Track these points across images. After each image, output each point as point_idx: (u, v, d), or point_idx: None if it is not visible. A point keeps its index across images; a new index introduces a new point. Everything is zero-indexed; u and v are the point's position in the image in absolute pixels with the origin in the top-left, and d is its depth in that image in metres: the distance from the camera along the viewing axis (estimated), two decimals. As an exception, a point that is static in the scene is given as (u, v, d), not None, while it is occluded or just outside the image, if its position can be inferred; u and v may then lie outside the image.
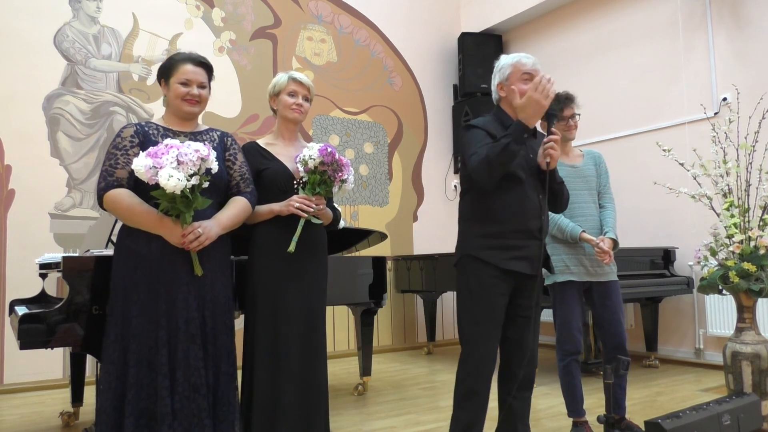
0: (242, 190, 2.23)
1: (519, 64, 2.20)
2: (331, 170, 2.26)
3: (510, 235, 2.12)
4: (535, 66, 2.21)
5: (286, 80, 2.40)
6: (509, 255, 2.12)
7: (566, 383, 2.78)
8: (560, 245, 2.74)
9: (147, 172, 1.87)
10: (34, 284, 3.35)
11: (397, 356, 5.37)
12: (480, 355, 2.13)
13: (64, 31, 4.48)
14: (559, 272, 2.71)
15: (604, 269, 2.73)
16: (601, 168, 2.88)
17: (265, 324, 2.26)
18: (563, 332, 2.73)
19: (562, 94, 2.76)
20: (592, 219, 2.77)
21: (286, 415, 2.21)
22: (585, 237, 2.67)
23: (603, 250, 2.65)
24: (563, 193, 2.30)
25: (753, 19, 4.36)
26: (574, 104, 2.78)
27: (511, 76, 2.21)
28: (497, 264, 2.12)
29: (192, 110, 2.19)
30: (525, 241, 2.14)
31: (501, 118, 2.22)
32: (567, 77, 5.71)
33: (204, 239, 2.02)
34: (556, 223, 2.71)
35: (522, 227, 2.13)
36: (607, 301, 2.75)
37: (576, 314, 2.71)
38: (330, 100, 5.64)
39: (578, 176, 2.79)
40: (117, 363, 1.99)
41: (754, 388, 2.74)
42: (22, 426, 3.26)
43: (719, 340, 4.37)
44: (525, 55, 2.24)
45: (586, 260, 2.72)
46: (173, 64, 2.18)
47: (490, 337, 2.15)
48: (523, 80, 2.17)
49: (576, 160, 2.85)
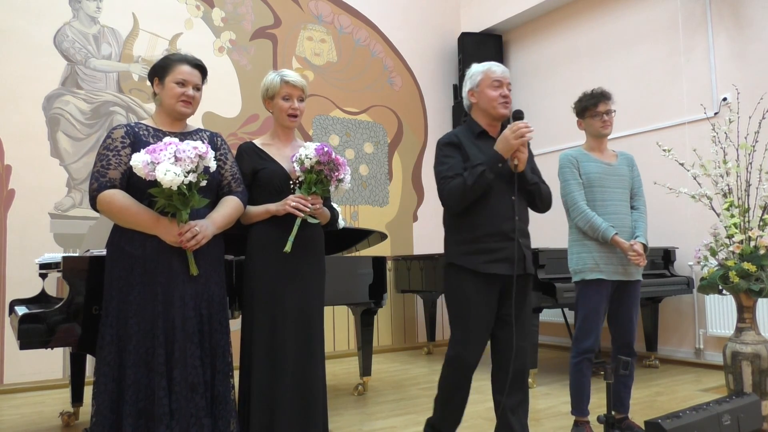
0: (233, 190, 2.24)
1: (489, 72, 2.31)
2: (327, 169, 2.26)
3: (485, 239, 2.21)
4: (505, 74, 2.32)
5: (278, 83, 2.37)
6: (486, 259, 2.20)
7: (576, 381, 2.77)
8: (591, 242, 2.72)
9: (144, 168, 1.88)
10: (34, 284, 3.35)
11: (397, 356, 5.37)
12: (465, 358, 2.22)
13: (64, 31, 4.48)
14: (589, 270, 2.70)
15: (633, 269, 2.72)
16: (635, 170, 2.88)
17: (262, 324, 2.26)
18: (583, 330, 2.71)
19: (597, 89, 2.80)
20: (624, 217, 2.75)
21: (285, 414, 2.21)
22: (617, 240, 2.65)
23: (638, 252, 2.64)
24: (540, 192, 2.34)
25: (753, 19, 4.36)
26: (609, 100, 2.78)
27: (481, 82, 2.31)
28: (476, 269, 2.20)
29: (185, 111, 2.18)
30: (500, 243, 2.21)
31: (471, 126, 2.34)
32: (567, 77, 5.72)
33: (201, 237, 2.02)
34: (589, 221, 2.69)
35: (495, 230, 2.21)
36: (625, 299, 2.75)
37: (600, 314, 2.70)
38: (330, 100, 5.64)
39: (613, 174, 2.78)
40: (113, 364, 1.99)
41: (754, 388, 2.74)
42: (22, 426, 3.26)
43: (719, 340, 4.37)
44: (495, 64, 2.35)
45: (616, 258, 2.70)
46: (169, 64, 2.18)
47: (478, 340, 2.23)
48: (493, 87, 2.28)
49: (611, 158, 2.85)
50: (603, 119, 2.76)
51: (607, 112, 2.76)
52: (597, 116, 2.75)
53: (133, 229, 2.03)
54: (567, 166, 2.78)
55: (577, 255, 2.77)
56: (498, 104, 2.28)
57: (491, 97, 2.27)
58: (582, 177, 2.75)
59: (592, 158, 2.79)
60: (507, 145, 2.14)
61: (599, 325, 2.70)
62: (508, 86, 2.30)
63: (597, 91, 2.78)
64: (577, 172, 2.76)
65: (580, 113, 2.82)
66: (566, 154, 2.82)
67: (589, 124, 2.79)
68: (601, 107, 2.75)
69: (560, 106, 5.77)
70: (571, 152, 2.82)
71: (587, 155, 2.80)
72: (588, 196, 2.74)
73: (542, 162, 5.80)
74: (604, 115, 2.76)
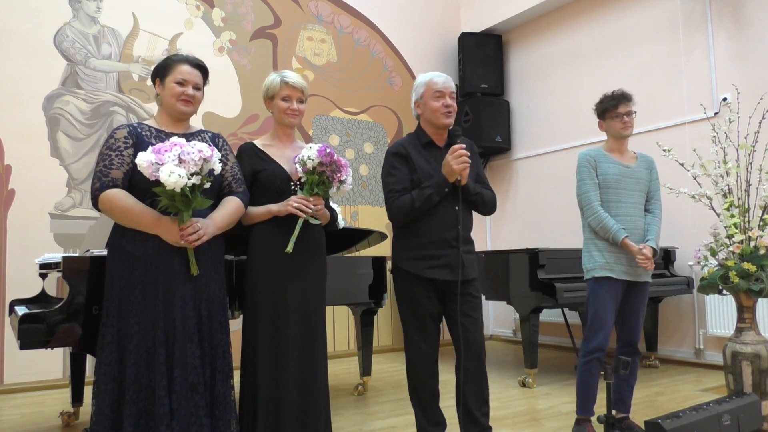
0: (234, 191, 2.24)
1: (431, 83, 2.42)
2: (329, 171, 2.27)
3: (428, 246, 2.36)
4: (446, 84, 2.41)
5: (278, 84, 2.38)
6: (428, 264, 2.36)
7: (583, 380, 2.76)
8: (602, 242, 2.73)
9: (149, 167, 1.88)
10: (34, 284, 3.35)
11: (397, 356, 5.37)
12: (419, 349, 2.43)
13: (64, 31, 4.48)
14: (599, 268, 2.71)
15: (641, 270, 2.73)
16: (653, 173, 2.87)
17: (264, 324, 2.26)
18: (593, 329, 2.71)
19: (617, 91, 2.81)
20: (636, 220, 2.75)
21: (290, 415, 2.22)
22: (627, 243, 2.66)
23: (646, 256, 2.65)
24: (483, 201, 2.48)
25: (753, 19, 4.36)
26: (630, 101, 2.78)
27: (424, 94, 2.43)
28: (418, 273, 2.36)
29: (185, 110, 2.19)
30: (442, 250, 2.36)
31: (419, 136, 2.47)
32: (567, 77, 5.72)
33: (202, 234, 2.02)
34: (601, 222, 2.69)
35: (438, 238, 2.35)
36: (633, 299, 2.77)
37: (608, 312, 2.70)
38: (330, 100, 5.64)
39: (630, 176, 2.78)
40: (113, 364, 2.00)
41: (754, 388, 2.75)
42: (22, 426, 3.26)
43: (719, 340, 4.37)
44: (437, 74, 2.46)
45: (626, 259, 2.70)
46: (170, 64, 2.19)
47: (426, 335, 2.42)
48: (435, 98, 2.40)
49: (630, 160, 2.84)
50: (623, 120, 2.76)
51: (627, 113, 2.76)
52: (617, 117, 2.76)
53: (135, 228, 2.03)
54: (584, 166, 2.78)
55: (588, 254, 2.79)
56: (441, 114, 2.39)
57: (434, 108, 2.39)
58: (599, 177, 2.75)
59: (610, 159, 2.79)
60: (451, 170, 2.28)
61: (609, 323, 2.70)
62: (450, 96, 2.42)
63: (618, 92, 2.78)
64: (594, 173, 2.76)
65: (601, 114, 2.82)
66: (585, 152, 2.82)
67: (610, 125, 2.80)
68: (622, 108, 2.75)
69: (560, 106, 5.78)
70: (590, 152, 2.81)
71: (606, 156, 2.80)
72: (603, 196, 2.75)
73: (543, 162, 5.85)
74: (625, 116, 2.76)
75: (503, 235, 6.35)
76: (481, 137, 5.89)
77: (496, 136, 6.05)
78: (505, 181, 6.36)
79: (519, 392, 3.82)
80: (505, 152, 6.29)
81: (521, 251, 4.07)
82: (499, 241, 6.38)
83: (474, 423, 2.37)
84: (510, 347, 5.84)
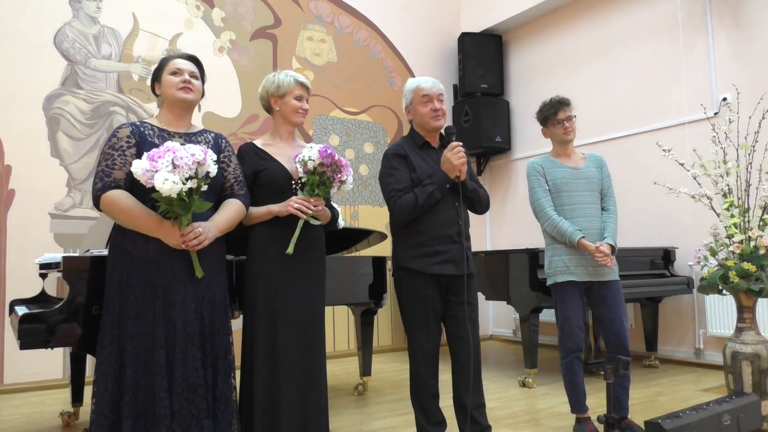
0: (236, 193, 2.24)
1: (418, 89, 2.50)
2: (330, 171, 2.27)
3: (431, 243, 2.39)
4: (433, 89, 2.48)
5: (292, 83, 2.41)
6: (433, 260, 2.39)
7: (569, 380, 2.82)
8: (561, 246, 2.78)
9: (144, 175, 1.87)
10: (34, 284, 3.35)
11: (397, 356, 5.37)
12: (423, 350, 2.43)
13: (64, 31, 4.48)
14: (560, 272, 2.77)
15: (604, 269, 2.75)
16: (604, 171, 2.92)
17: (264, 325, 2.26)
18: (565, 331, 2.78)
19: (555, 98, 2.89)
20: (594, 219, 2.80)
21: (287, 415, 2.21)
22: (583, 243, 2.71)
23: (604, 253, 2.68)
24: (479, 198, 2.53)
25: (753, 20, 4.36)
26: (568, 107, 2.86)
27: (413, 100, 2.52)
28: (424, 270, 2.39)
29: (187, 97, 2.17)
30: (446, 245, 2.40)
31: (414, 138, 2.54)
32: (567, 77, 5.72)
33: (203, 238, 2.02)
34: (555, 226, 2.75)
35: (441, 234, 2.39)
36: (608, 301, 2.77)
37: (577, 313, 2.76)
38: (330, 100, 5.64)
39: (580, 177, 2.84)
40: (113, 364, 1.99)
41: (754, 388, 2.75)
42: (22, 426, 3.26)
43: (719, 340, 4.37)
44: (425, 79, 2.52)
45: (585, 260, 2.74)
46: (164, 63, 2.21)
47: (430, 335, 2.43)
48: (423, 103, 2.48)
49: (578, 162, 2.90)
50: (564, 126, 2.84)
51: (567, 118, 2.84)
52: (558, 124, 2.84)
53: (136, 230, 2.03)
54: (533, 174, 2.87)
55: (549, 258, 2.84)
56: (430, 118, 2.47)
57: (423, 113, 2.47)
58: (549, 183, 2.83)
59: (558, 164, 2.86)
60: (451, 166, 2.34)
61: (580, 323, 2.77)
62: (438, 99, 2.47)
63: (555, 99, 2.87)
64: (543, 179, 2.84)
65: (543, 122, 2.91)
66: (532, 162, 2.90)
67: (552, 132, 2.88)
68: (561, 115, 2.83)
69: (560, 106, 5.78)
70: (537, 160, 2.90)
71: (553, 161, 2.88)
72: (556, 201, 2.81)
73: (542, 162, 5.81)
74: (565, 122, 2.84)
75: (503, 235, 6.35)
76: (480, 137, 5.89)
77: (496, 136, 6.05)
78: (505, 181, 6.36)
79: (519, 392, 3.82)
80: (504, 152, 6.30)
81: (521, 251, 4.08)
82: (499, 241, 6.38)
83: (474, 422, 2.38)
84: (510, 347, 5.84)
